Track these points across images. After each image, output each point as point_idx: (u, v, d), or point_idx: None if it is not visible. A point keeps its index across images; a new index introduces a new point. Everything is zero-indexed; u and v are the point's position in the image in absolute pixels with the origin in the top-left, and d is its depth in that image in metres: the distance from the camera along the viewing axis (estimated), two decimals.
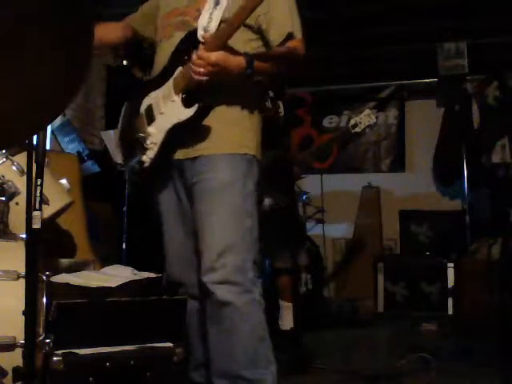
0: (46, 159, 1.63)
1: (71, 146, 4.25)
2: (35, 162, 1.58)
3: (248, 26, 2.08)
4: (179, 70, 2.06)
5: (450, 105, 5.72)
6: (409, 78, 6.00)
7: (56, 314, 1.79)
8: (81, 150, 4.22)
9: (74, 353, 1.80)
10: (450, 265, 5.04)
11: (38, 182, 1.56)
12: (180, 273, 2.25)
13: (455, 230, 5.33)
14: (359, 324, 4.81)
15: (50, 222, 2.33)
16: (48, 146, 3.76)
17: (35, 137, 1.58)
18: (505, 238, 3.95)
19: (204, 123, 2.06)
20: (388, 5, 4.61)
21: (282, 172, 3.42)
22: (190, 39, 2.04)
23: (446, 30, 5.11)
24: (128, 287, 2.05)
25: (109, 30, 2.36)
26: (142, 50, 2.40)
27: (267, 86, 2.32)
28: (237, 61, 1.99)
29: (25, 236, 1.65)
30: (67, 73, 1.18)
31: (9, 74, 1.15)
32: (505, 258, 3.86)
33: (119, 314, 1.96)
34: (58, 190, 2.34)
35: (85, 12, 1.14)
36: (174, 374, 1.97)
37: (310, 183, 5.06)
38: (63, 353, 1.78)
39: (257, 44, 2.12)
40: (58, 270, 2.14)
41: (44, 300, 1.80)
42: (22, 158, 2.15)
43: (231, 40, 1.98)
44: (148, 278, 2.19)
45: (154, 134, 2.10)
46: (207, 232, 2.06)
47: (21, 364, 1.63)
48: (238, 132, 2.12)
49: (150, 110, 2.14)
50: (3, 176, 2.14)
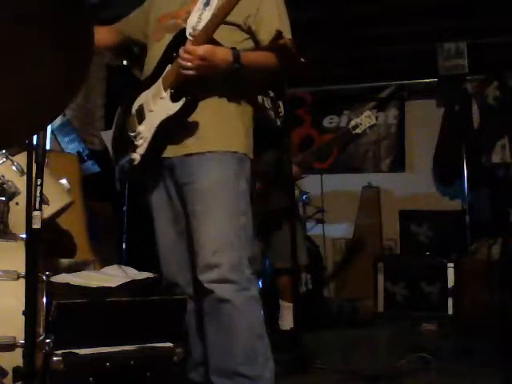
0: (46, 159, 1.63)
1: (71, 146, 4.25)
2: (35, 161, 1.58)
3: (238, 26, 2.10)
4: (168, 67, 2.08)
5: (450, 105, 5.72)
6: (409, 78, 5.99)
7: (56, 313, 1.79)
8: (81, 149, 4.22)
9: (74, 353, 1.80)
10: (450, 265, 5.03)
11: (38, 182, 1.56)
12: (174, 273, 2.25)
13: (455, 230, 5.33)
14: (359, 324, 4.81)
15: (50, 222, 2.33)
16: (48, 146, 3.76)
17: (35, 137, 1.58)
18: (505, 238, 3.95)
19: (193, 120, 2.06)
20: (388, 5, 4.61)
21: (282, 172, 3.41)
22: (180, 38, 2.05)
23: (446, 30, 5.11)
24: (128, 287, 2.06)
25: (98, 34, 2.38)
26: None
27: (260, 84, 2.32)
28: (224, 54, 1.99)
29: (25, 236, 1.65)
30: (67, 73, 1.18)
31: (9, 74, 1.15)
32: (505, 258, 3.86)
33: (119, 314, 1.96)
34: (58, 190, 2.34)
35: (84, 12, 1.14)
36: (174, 374, 1.97)
37: (310, 183, 5.06)
38: (63, 353, 1.78)
39: (248, 44, 2.13)
40: (58, 270, 2.15)
41: (44, 300, 1.80)
42: (22, 158, 2.15)
43: (222, 41, 2.01)
44: (148, 278, 2.19)
45: (144, 131, 2.11)
46: (201, 231, 2.06)
47: (21, 364, 1.63)
48: (227, 129, 2.12)
49: (140, 109, 2.15)
50: (3, 176, 2.14)
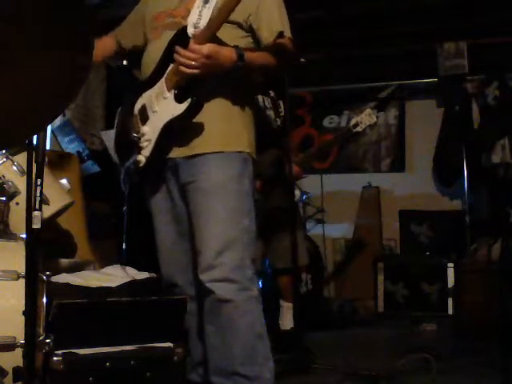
0: (46, 159, 1.63)
1: (71, 146, 4.24)
2: (35, 161, 1.58)
3: (238, 24, 2.09)
4: (170, 66, 2.06)
5: (450, 105, 5.72)
6: (409, 78, 5.99)
7: (56, 313, 1.79)
8: (81, 150, 4.21)
9: (74, 353, 1.80)
10: (450, 265, 5.02)
11: (38, 182, 1.56)
12: (174, 273, 2.25)
13: (455, 230, 5.33)
14: (359, 324, 4.81)
15: (50, 222, 2.33)
16: (48, 146, 3.76)
17: (35, 137, 1.58)
18: (505, 238, 3.95)
19: (197, 120, 2.05)
20: (388, 5, 4.61)
21: (282, 172, 3.41)
22: (181, 36, 2.04)
23: (445, 30, 5.11)
24: (128, 287, 2.06)
25: (105, 45, 2.38)
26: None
27: (259, 84, 2.32)
28: (228, 52, 1.99)
29: (25, 236, 1.65)
30: (67, 73, 1.18)
31: (9, 74, 1.15)
32: (505, 258, 3.86)
33: (119, 313, 1.96)
34: (58, 190, 2.34)
35: (85, 13, 1.14)
36: (174, 374, 1.97)
37: (310, 183, 5.06)
38: (63, 353, 1.78)
39: (248, 41, 2.13)
40: (58, 270, 2.15)
41: (44, 300, 1.80)
42: (22, 158, 2.15)
43: (223, 39, 2.00)
44: (148, 278, 2.19)
45: (149, 132, 2.09)
46: (205, 231, 2.06)
47: (21, 364, 1.63)
48: (231, 129, 2.12)
49: (143, 110, 2.14)
50: (3, 176, 2.15)
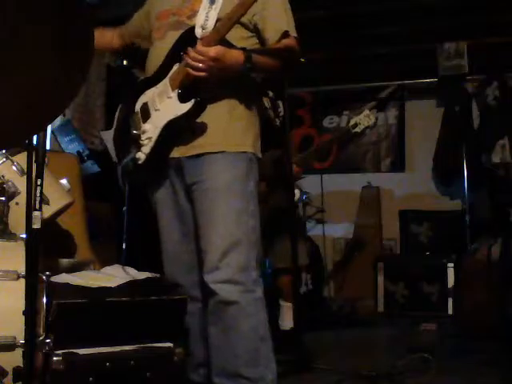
0: (46, 159, 1.63)
1: (71, 146, 4.24)
2: (35, 161, 1.58)
3: (243, 24, 2.09)
4: (176, 66, 2.06)
5: (450, 105, 5.72)
6: (409, 78, 5.99)
7: (56, 313, 1.79)
8: (81, 150, 4.21)
9: (74, 353, 1.80)
10: (450, 265, 5.03)
11: (38, 182, 1.56)
12: (177, 273, 2.24)
13: (455, 230, 5.33)
14: (359, 324, 4.81)
15: (50, 222, 2.33)
16: (48, 146, 3.76)
17: (35, 137, 1.58)
18: (505, 237, 3.95)
19: (202, 120, 2.05)
20: (388, 4, 4.61)
21: (282, 172, 3.41)
22: (187, 37, 2.04)
23: (446, 30, 5.11)
24: (128, 287, 2.06)
25: (103, 35, 2.40)
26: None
27: (263, 84, 2.33)
28: (235, 55, 1.99)
29: (25, 236, 1.65)
30: (67, 73, 1.18)
31: (9, 74, 1.15)
32: (505, 258, 3.86)
33: (119, 314, 1.96)
34: (58, 190, 2.34)
35: (85, 12, 1.14)
36: (174, 374, 1.97)
37: (310, 183, 5.06)
38: (63, 353, 1.78)
39: (252, 41, 2.13)
40: (58, 270, 2.14)
41: (44, 300, 1.80)
42: (22, 158, 2.15)
43: (228, 38, 1.99)
44: (148, 278, 2.19)
45: (150, 129, 2.09)
46: (211, 231, 2.06)
47: (21, 364, 1.63)
48: (236, 129, 2.12)
49: (145, 107, 2.14)
50: (3, 176, 2.14)
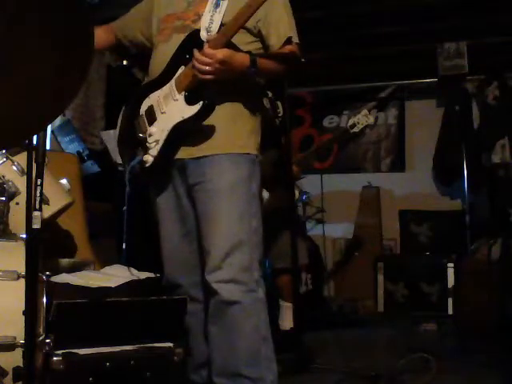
0: (46, 159, 1.63)
1: (71, 146, 4.24)
2: (35, 161, 1.58)
3: (247, 29, 2.10)
4: (181, 69, 2.07)
5: (450, 105, 5.72)
6: (409, 78, 5.99)
7: (56, 313, 1.79)
8: (81, 150, 4.21)
9: (74, 353, 1.80)
10: (450, 265, 5.03)
11: (38, 182, 1.56)
12: (178, 274, 2.24)
13: (455, 230, 5.32)
14: (359, 324, 4.81)
15: (50, 222, 2.33)
16: (48, 146, 3.76)
17: (35, 137, 1.58)
18: (505, 238, 3.95)
19: (207, 122, 2.06)
20: (388, 4, 4.61)
21: (283, 172, 3.41)
22: (193, 40, 2.06)
23: (446, 30, 5.11)
24: (128, 287, 2.06)
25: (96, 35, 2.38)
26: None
27: (264, 87, 2.35)
28: (241, 58, 2.01)
29: (25, 236, 1.65)
30: (67, 73, 1.18)
31: (9, 74, 1.15)
32: (505, 258, 3.86)
33: (119, 313, 1.96)
34: (58, 190, 2.34)
35: (84, 12, 1.14)
36: (174, 374, 1.97)
37: (310, 183, 5.06)
38: (63, 353, 1.78)
39: (256, 46, 2.14)
40: (58, 270, 2.15)
41: (44, 300, 1.80)
42: (22, 158, 2.15)
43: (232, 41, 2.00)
44: (148, 278, 2.19)
45: (156, 132, 2.09)
46: (213, 232, 2.06)
47: (21, 364, 1.63)
48: (241, 131, 2.13)
49: (150, 110, 2.14)
50: (3, 176, 2.14)
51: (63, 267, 2.43)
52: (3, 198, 2.10)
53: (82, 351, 1.82)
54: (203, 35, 2.03)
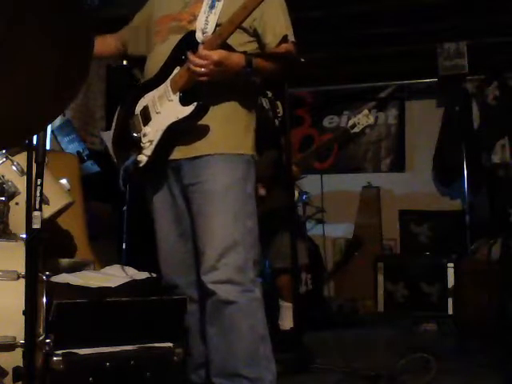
0: (46, 159, 1.63)
1: (71, 146, 4.24)
2: (35, 161, 1.58)
3: (243, 29, 2.10)
4: (177, 70, 2.07)
5: (450, 105, 5.72)
6: (409, 78, 5.99)
7: (56, 313, 1.79)
8: (81, 150, 4.21)
9: (74, 353, 1.81)
10: (450, 265, 5.02)
11: (38, 182, 1.56)
12: (174, 274, 2.24)
13: (455, 230, 5.32)
14: (359, 324, 4.81)
15: (50, 222, 2.33)
16: (48, 146, 3.76)
17: (35, 137, 1.58)
18: (505, 237, 3.95)
19: (202, 122, 2.06)
20: (388, 5, 4.61)
21: (282, 172, 3.41)
22: (188, 41, 2.06)
23: (446, 30, 5.11)
24: (128, 287, 2.06)
25: (105, 43, 2.39)
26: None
27: (259, 86, 2.35)
28: (237, 59, 2.01)
29: (25, 236, 1.65)
30: (67, 73, 1.18)
31: (9, 74, 1.15)
32: (505, 258, 3.85)
33: (119, 314, 1.96)
34: (58, 190, 2.34)
35: (84, 13, 1.14)
36: (174, 374, 1.97)
37: (310, 183, 5.05)
38: (63, 353, 1.78)
39: (253, 46, 2.14)
40: (58, 270, 2.15)
41: (44, 300, 1.80)
42: (22, 158, 2.15)
43: (229, 43, 2.01)
44: (148, 278, 2.19)
45: (151, 132, 2.10)
46: (209, 233, 2.06)
47: (21, 364, 1.63)
48: (236, 131, 2.13)
49: (145, 110, 2.14)
50: (3, 176, 2.15)
51: (63, 267, 2.43)
52: (3, 198, 2.10)
53: (82, 351, 1.82)
54: (199, 36, 2.04)
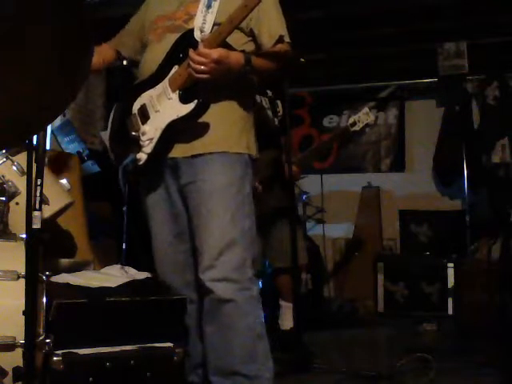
0: (46, 159, 1.63)
1: (71, 146, 4.24)
2: (35, 161, 1.58)
3: (240, 29, 2.10)
4: (175, 68, 2.07)
5: (450, 105, 5.72)
6: (409, 78, 5.99)
7: (56, 314, 1.79)
8: (81, 150, 4.21)
9: (74, 353, 1.81)
10: (450, 265, 5.03)
11: (38, 182, 1.56)
12: (169, 274, 2.24)
13: (455, 230, 5.33)
14: (359, 324, 4.81)
15: (50, 222, 2.33)
16: (48, 146, 3.76)
17: (35, 137, 1.58)
18: (505, 237, 3.95)
19: (201, 121, 2.06)
20: (388, 4, 4.61)
21: (282, 172, 3.41)
22: (187, 39, 2.06)
23: (445, 30, 5.11)
24: (128, 287, 2.06)
25: (102, 52, 2.38)
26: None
27: (261, 84, 2.35)
28: (236, 57, 2.01)
29: (25, 236, 1.65)
30: (67, 73, 1.18)
31: (8, 74, 1.15)
32: (505, 258, 3.86)
33: (119, 313, 1.96)
34: (58, 190, 2.34)
35: (84, 13, 1.14)
36: (174, 373, 1.97)
37: (310, 183, 5.07)
38: (63, 353, 1.78)
39: (251, 47, 2.15)
40: (58, 270, 2.15)
41: (44, 300, 1.80)
42: (22, 158, 2.15)
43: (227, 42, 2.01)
44: (148, 278, 2.19)
45: (150, 131, 2.10)
46: (206, 232, 2.06)
47: (21, 364, 1.63)
48: (234, 130, 2.13)
49: (143, 109, 2.14)
50: (3, 176, 2.14)
51: (63, 267, 2.43)
52: (3, 198, 2.10)
53: (82, 351, 1.82)
54: (197, 35, 2.04)
